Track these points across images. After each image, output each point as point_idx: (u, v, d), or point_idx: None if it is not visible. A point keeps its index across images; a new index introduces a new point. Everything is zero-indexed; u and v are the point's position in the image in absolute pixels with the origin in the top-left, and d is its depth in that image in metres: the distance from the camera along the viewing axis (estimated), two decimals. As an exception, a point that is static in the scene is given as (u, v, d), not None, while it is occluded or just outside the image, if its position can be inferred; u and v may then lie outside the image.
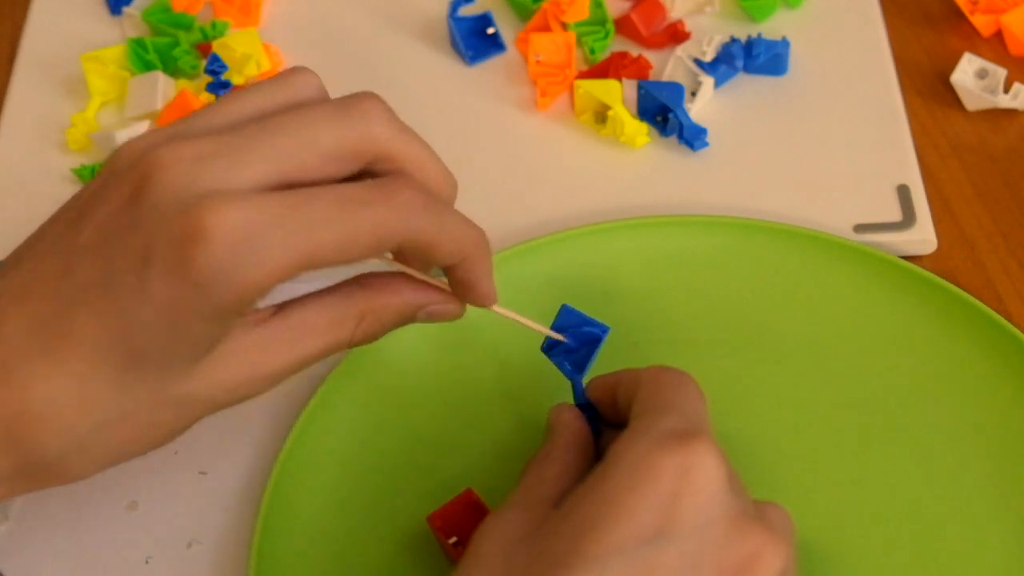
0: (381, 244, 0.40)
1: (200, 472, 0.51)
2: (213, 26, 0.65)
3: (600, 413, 0.47)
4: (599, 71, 0.63)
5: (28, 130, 0.63)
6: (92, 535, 0.50)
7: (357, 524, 0.49)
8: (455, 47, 0.65)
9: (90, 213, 0.40)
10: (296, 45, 0.66)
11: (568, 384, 0.47)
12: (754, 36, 0.63)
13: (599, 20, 0.65)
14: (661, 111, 0.61)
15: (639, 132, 0.60)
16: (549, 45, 0.63)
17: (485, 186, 0.60)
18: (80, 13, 0.68)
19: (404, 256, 0.45)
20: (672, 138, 0.61)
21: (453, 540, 0.47)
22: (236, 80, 0.63)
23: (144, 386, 0.40)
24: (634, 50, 0.64)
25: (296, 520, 0.49)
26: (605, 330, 0.48)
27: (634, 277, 0.55)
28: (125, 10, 0.67)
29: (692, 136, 0.60)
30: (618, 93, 0.61)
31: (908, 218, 0.57)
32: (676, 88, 0.61)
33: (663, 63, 0.63)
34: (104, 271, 0.39)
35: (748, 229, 0.56)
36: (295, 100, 0.42)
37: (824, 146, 0.60)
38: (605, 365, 0.48)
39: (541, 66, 0.63)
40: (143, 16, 0.66)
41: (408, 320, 0.45)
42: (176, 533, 0.50)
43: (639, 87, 0.61)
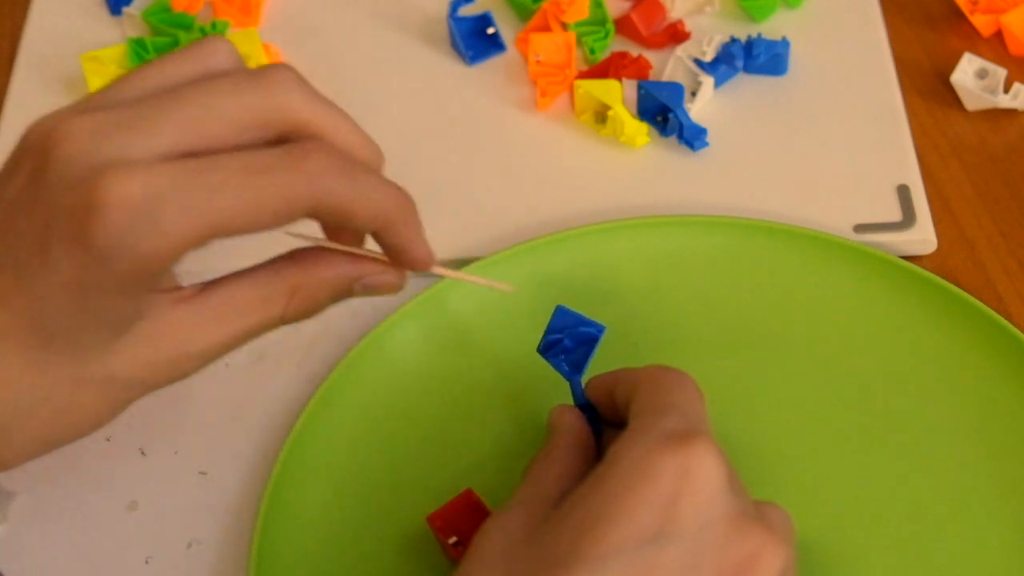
0: (292, 209, 0.39)
1: (200, 472, 0.51)
2: (213, 26, 0.65)
3: (600, 413, 0.47)
4: (599, 71, 0.63)
5: (28, 130, 0.63)
6: (92, 535, 0.50)
7: (357, 524, 0.49)
8: (455, 47, 0.65)
9: None
10: (296, 45, 0.66)
11: (567, 384, 0.47)
12: (754, 36, 0.63)
13: (599, 20, 0.65)
14: (661, 111, 0.61)
15: (639, 132, 0.60)
16: (549, 45, 0.63)
17: (485, 186, 0.60)
18: (80, 13, 0.68)
19: (331, 227, 0.44)
20: (672, 138, 0.61)
21: (453, 540, 0.47)
22: (236, 80, 0.63)
23: (60, 366, 0.39)
24: (634, 50, 0.64)
25: (296, 520, 0.49)
26: (601, 330, 0.47)
27: (634, 277, 0.55)
28: (125, 10, 0.67)
29: (692, 136, 0.60)
30: (618, 93, 0.61)
31: (908, 218, 0.57)
32: (676, 88, 0.61)
33: (663, 63, 0.63)
34: (9, 250, 0.38)
35: (748, 229, 0.56)
36: (206, 70, 0.40)
37: (824, 146, 0.60)
38: (605, 365, 0.48)
39: (541, 66, 0.63)
40: (143, 16, 0.66)
41: (344, 294, 0.44)
42: (176, 533, 0.50)
43: (639, 87, 0.61)
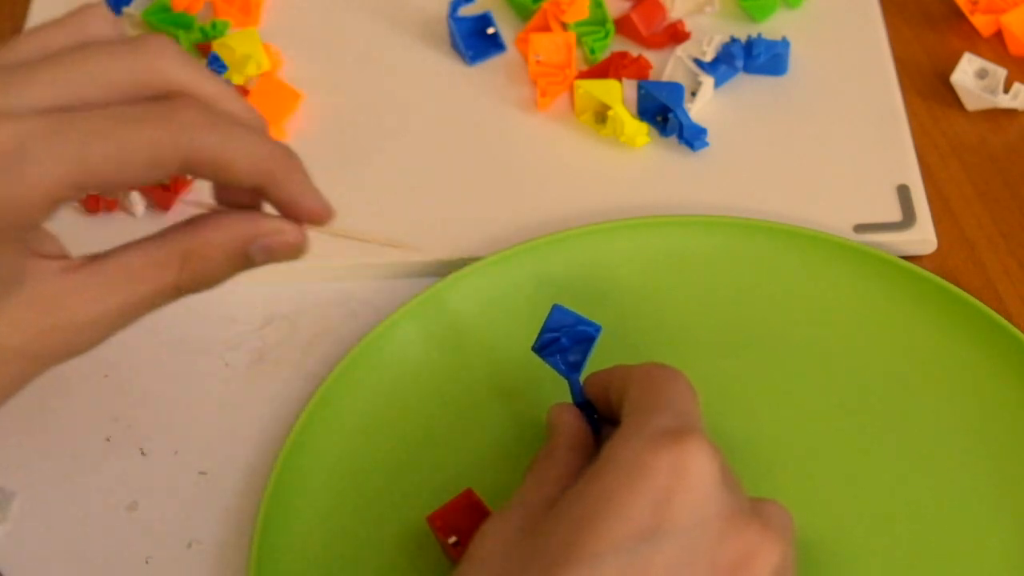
0: (162, 159, 0.38)
1: (200, 472, 0.51)
2: (213, 26, 0.65)
3: (598, 410, 0.47)
4: (599, 71, 0.63)
5: (28, 130, 0.63)
6: (92, 535, 0.50)
7: (357, 524, 0.49)
8: (455, 47, 0.65)
9: None
10: (296, 45, 0.66)
11: (567, 384, 0.47)
12: (754, 36, 0.63)
13: (599, 20, 0.65)
14: (661, 111, 0.60)
15: (639, 132, 0.60)
16: (549, 45, 0.63)
17: (485, 186, 0.60)
18: (80, 13, 0.68)
19: (218, 189, 0.43)
20: (672, 138, 0.61)
21: (453, 540, 0.47)
22: (236, 80, 0.63)
23: None
24: (634, 50, 0.64)
25: (296, 520, 0.49)
26: (598, 329, 0.48)
27: (634, 277, 0.55)
28: (125, 10, 0.67)
29: (692, 136, 0.60)
30: (618, 93, 0.61)
31: (908, 218, 0.57)
32: (676, 88, 0.61)
33: (663, 63, 0.63)
34: None
35: (748, 229, 0.56)
36: (84, 37, 0.40)
37: (824, 146, 0.60)
38: (605, 365, 0.48)
39: (541, 66, 0.63)
40: (143, 16, 0.66)
41: (242, 258, 0.42)
42: (176, 533, 0.50)
43: (639, 87, 0.61)
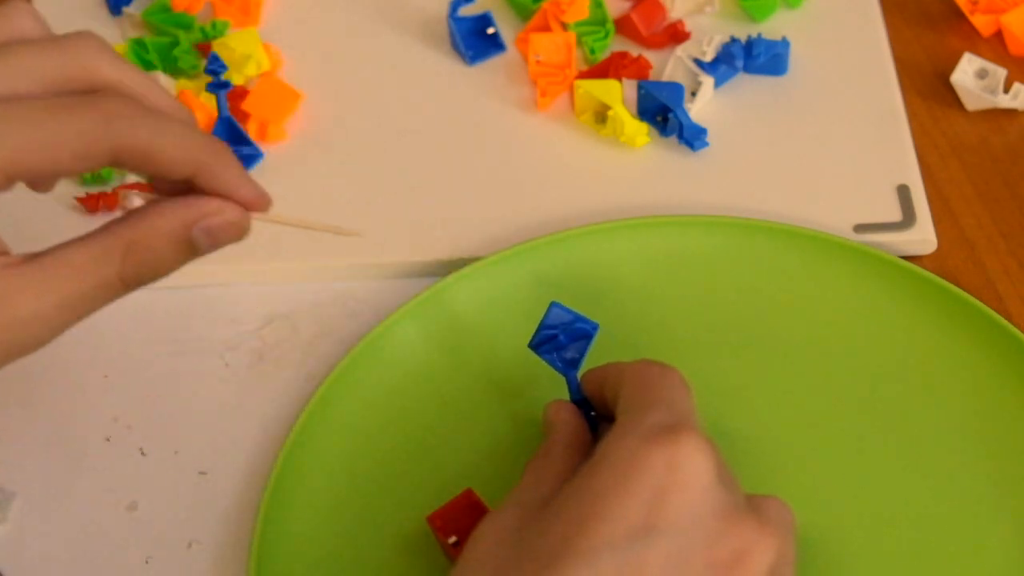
0: (91, 150, 0.38)
1: (200, 472, 0.51)
2: (213, 26, 0.65)
3: (594, 407, 0.47)
4: (599, 71, 0.63)
5: (28, 130, 0.63)
6: (92, 535, 0.50)
7: (357, 524, 0.49)
8: (455, 47, 0.65)
9: None
10: (296, 45, 0.66)
11: (565, 382, 0.48)
12: (754, 36, 0.63)
13: (599, 20, 0.65)
14: (661, 111, 0.60)
15: (639, 132, 0.60)
16: (549, 45, 0.63)
17: (485, 186, 0.60)
18: (80, 13, 0.68)
19: (158, 183, 0.43)
20: (672, 138, 0.61)
21: (453, 540, 0.47)
22: (236, 80, 0.63)
23: None
24: (634, 50, 0.64)
25: (296, 520, 0.49)
26: (595, 327, 0.48)
27: (634, 277, 0.55)
28: (125, 10, 0.67)
29: (692, 136, 0.60)
30: (618, 93, 0.61)
31: (908, 218, 0.57)
32: (676, 88, 0.61)
33: (663, 63, 0.63)
34: None
35: (748, 229, 0.56)
36: (12, 34, 0.41)
37: (824, 146, 0.60)
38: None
39: (541, 66, 0.63)
40: (143, 16, 0.66)
41: (187, 246, 0.42)
42: (176, 533, 0.50)
43: (639, 87, 0.61)
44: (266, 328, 0.56)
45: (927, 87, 0.63)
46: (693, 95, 0.61)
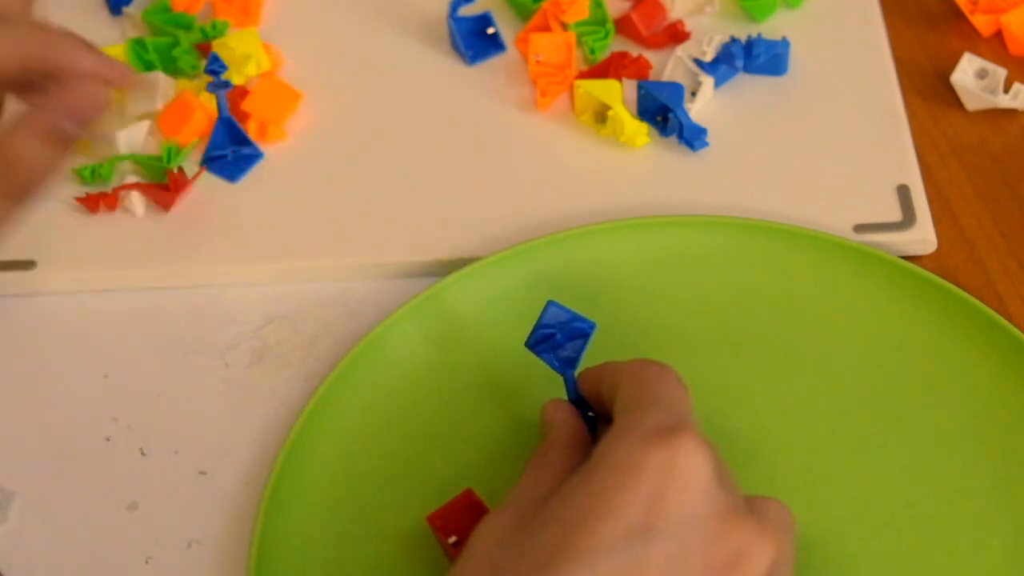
0: None
1: (200, 472, 0.51)
2: (213, 26, 0.65)
3: (592, 407, 0.47)
4: (599, 71, 0.63)
5: (28, 130, 0.63)
6: (92, 535, 0.50)
7: (357, 524, 0.49)
8: (455, 47, 0.65)
9: None
10: (296, 45, 0.66)
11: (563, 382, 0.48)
12: (754, 36, 0.63)
13: (599, 20, 0.65)
14: (661, 111, 0.60)
15: (639, 132, 0.60)
16: (549, 45, 0.63)
17: (485, 186, 0.60)
18: (80, 13, 0.68)
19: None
20: (672, 138, 0.61)
21: (453, 540, 0.47)
22: (236, 80, 0.63)
23: None
24: (634, 50, 0.64)
25: (296, 520, 0.49)
26: (592, 326, 0.47)
27: (634, 277, 0.55)
28: (125, 10, 0.67)
29: (692, 136, 0.60)
30: (618, 93, 0.61)
31: (908, 218, 0.57)
32: (676, 88, 0.61)
33: (663, 63, 0.63)
34: None
35: (748, 229, 0.56)
36: None
37: (824, 146, 0.60)
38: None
39: (541, 66, 0.63)
40: (143, 16, 0.66)
41: (56, 135, 0.41)
42: (176, 533, 0.50)
43: (639, 87, 0.61)
44: (266, 328, 0.56)
45: (927, 87, 0.63)
46: (693, 95, 0.61)
